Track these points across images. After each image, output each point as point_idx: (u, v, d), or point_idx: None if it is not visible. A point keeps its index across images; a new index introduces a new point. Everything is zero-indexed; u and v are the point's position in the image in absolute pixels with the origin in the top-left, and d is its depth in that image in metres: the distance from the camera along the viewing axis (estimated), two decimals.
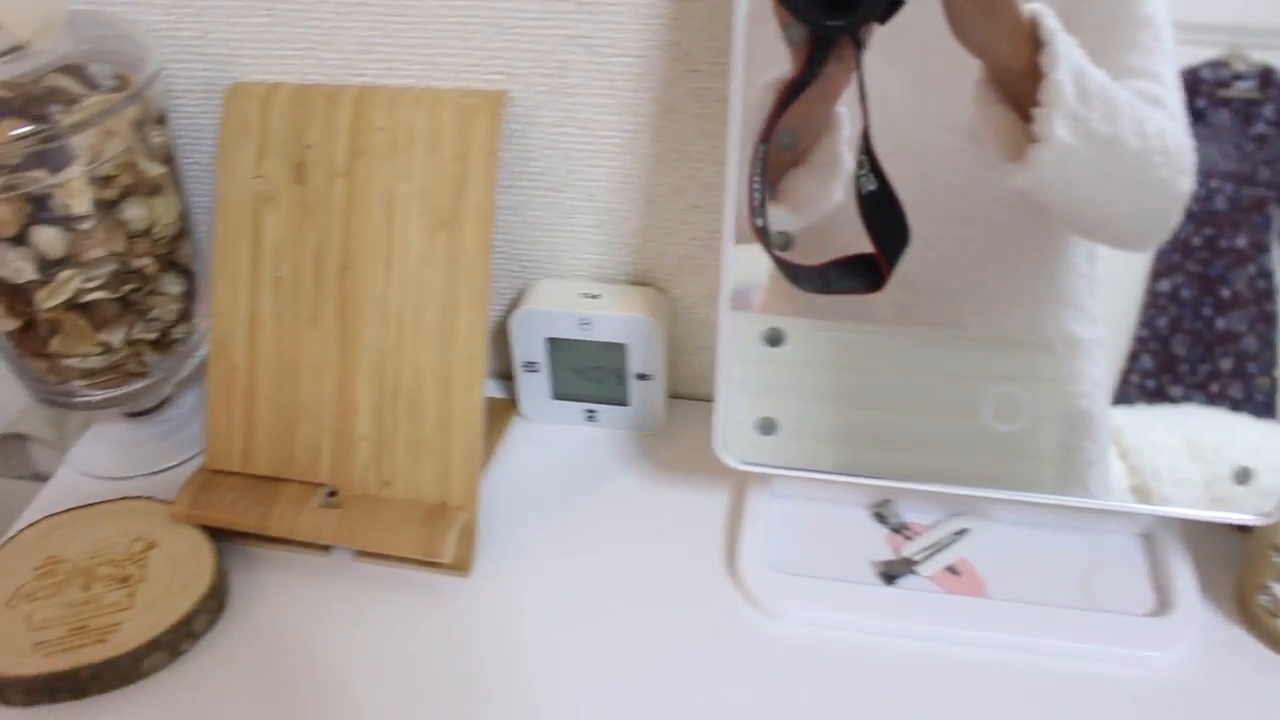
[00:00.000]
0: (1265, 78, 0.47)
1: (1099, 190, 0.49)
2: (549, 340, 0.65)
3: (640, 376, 0.66)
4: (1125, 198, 0.49)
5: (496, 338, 0.70)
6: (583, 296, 0.64)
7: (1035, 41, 0.46)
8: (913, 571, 0.58)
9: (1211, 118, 0.48)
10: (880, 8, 0.45)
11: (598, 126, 0.61)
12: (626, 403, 0.67)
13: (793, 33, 0.47)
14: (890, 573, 0.58)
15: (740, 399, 0.56)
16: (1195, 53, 0.47)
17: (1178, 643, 0.54)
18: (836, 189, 0.51)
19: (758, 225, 0.51)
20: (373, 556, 0.60)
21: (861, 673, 0.53)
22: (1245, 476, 0.52)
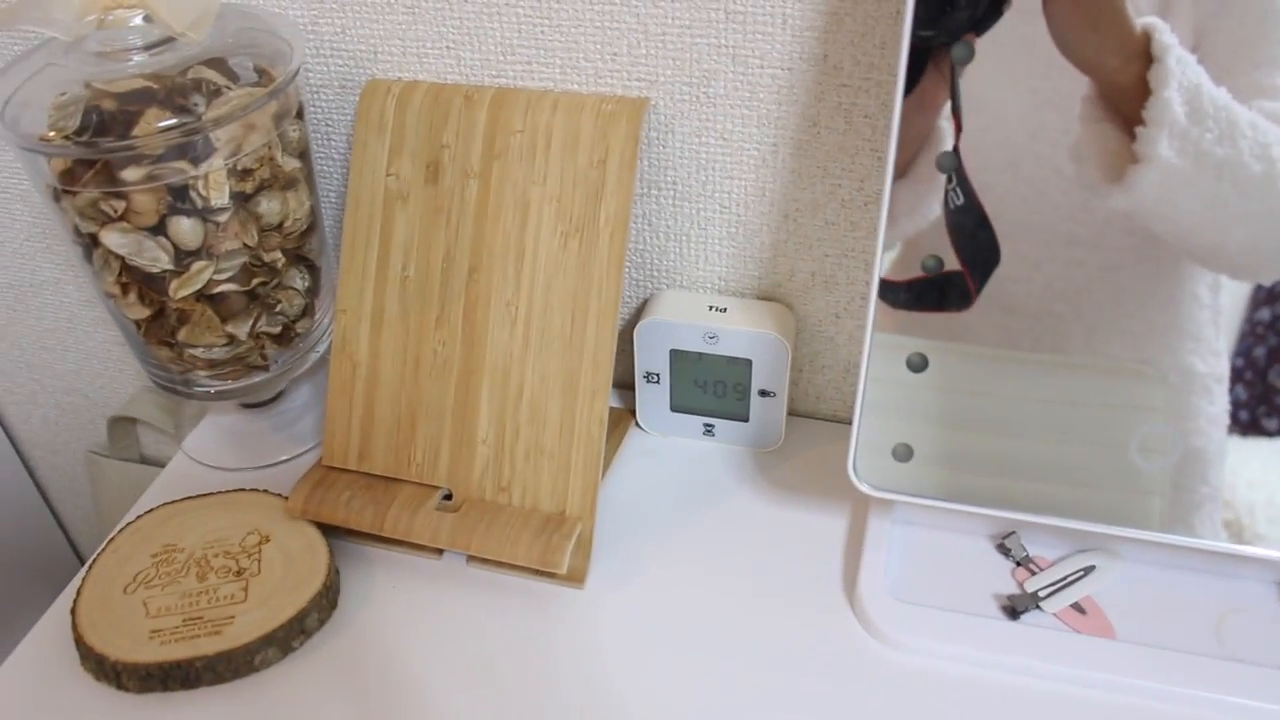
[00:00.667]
0: None
1: (1212, 215, 0.46)
2: (673, 352, 0.64)
3: (763, 393, 0.64)
4: (1242, 225, 0.46)
5: (617, 346, 0.69)
6: (709, 309, 0.63)
7: (1147, 57, 0.44)
8: (1038, 607, 0.56)
9: None
10: (972, 18, 0.44)
11: (737, 138, 0.59)
12: (746, 419, 0.66)
13: None
14: (1014, 607, 0.55)
15: (878, 423, 0.54)
16: None
17: None
18: (933, 203, 0.49)
19: None
20: (486, 562, 0.59)
21: (982, 708, 0.51)
22: None
